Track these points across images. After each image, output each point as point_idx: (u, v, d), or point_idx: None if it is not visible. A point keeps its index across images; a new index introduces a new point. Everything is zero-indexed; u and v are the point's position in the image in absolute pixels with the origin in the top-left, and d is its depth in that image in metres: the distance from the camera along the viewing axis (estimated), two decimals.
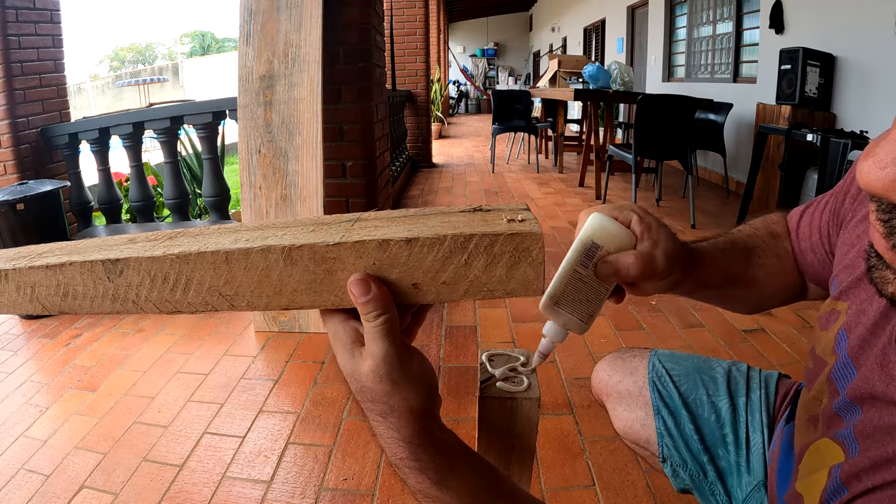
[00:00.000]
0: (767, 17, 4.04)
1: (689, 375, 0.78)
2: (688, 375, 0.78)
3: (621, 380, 0.83)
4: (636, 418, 0.80)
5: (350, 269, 0.37)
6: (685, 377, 0.78)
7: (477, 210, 0.42)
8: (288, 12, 1.92)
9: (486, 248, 0.36)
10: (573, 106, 7.59)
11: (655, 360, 0.81)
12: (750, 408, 0.73)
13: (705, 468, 0.74)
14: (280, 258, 0.37)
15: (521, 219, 0.38)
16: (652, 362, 0.81)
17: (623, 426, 0.82)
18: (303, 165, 1.89)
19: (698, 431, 0.74)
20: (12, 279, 0.41)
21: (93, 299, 0.41)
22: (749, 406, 0.74)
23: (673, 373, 0.78)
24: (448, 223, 0.39)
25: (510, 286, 0.37)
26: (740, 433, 0.73)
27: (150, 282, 0.39)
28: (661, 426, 0.76)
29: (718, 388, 0.76)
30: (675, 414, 0.76)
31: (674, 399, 0.76)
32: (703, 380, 0.77)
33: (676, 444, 0.75)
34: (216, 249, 0.38)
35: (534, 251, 0.36)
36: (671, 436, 0.75)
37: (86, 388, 1.74)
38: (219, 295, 0.39)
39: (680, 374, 0.78)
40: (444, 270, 0.37)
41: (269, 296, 0.39)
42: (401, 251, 0.37)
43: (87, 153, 2.84)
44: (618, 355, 0.86)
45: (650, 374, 0.79)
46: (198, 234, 0.43)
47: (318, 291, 0.38)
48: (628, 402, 0.81)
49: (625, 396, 0.81)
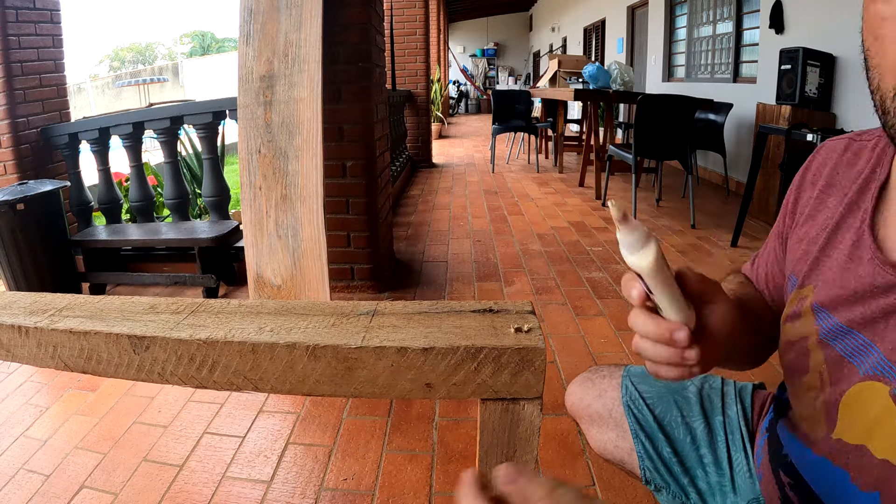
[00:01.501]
0: (767, 17, 4.04)
1: (662, 397, 0.78)
2: (661, 397, 0.78)
3: (591, 403, 0.82)
4: (608, 440, 0.80)
5: (370, 368, 0.41)
6: (658, 399, 0.77)
7: (487, 312, 0.46)
8: (288, 12, 1.92)
9: (495, 358, 0.41)
10: (573, 106, 7.59)
11: (628, 382, 0.80)
12: (729, 426, 0.73)
13: (686, 490, 0.74)
14: (304, 354, 0.41)
15: (528, 328, 0.42)
16: (625, 384, 0.80)
17: (598, 447, 0.83)
18: (303, 165, 1.89)
19: (676, 454, 0.74)
20: (33, 336, 0.43)
21: (117, 366, 0.42)
22: (727, 424, 0.73)
23: (646, 395, 0.78)
24: (460, 329, 0.43)
25: (513, 389, 0.42)
26: (720, 453, 0.72)
27: (175, 359, 0.42)
28: (641, 450, 0.76)
29: (692, 408, 0.76)
30: (652, 437, 0.76)
31: (649, 422, 0.76)
32: (677, 400, 0.77)
33: (657, 466, 0.75)
34: (243, 340, 0.41)
35: (536, 362, 0.40)
36: (651, 459, 0.75)
37: (86, 388, 1.74)
38: (244, 378, 0.42)
39: (653, 396, 0.78)
40: (455, 374, 0.41)
41: (293, 383, 0.42)
42: (417, 357, 0.41)
43: (87, 153, 2.84)
44: (587, 376, 0.86)
45: (624, 397, 0.79)
46: (219, 311, 0.45)
47: (339, 384, 0.42)
48: (599, 425, 0.81)
49: (595, 419, 0.81)
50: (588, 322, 2.11)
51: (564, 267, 2.75)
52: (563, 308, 2.24)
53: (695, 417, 0.75)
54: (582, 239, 3.23)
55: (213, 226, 2.56)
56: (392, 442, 1.44)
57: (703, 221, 3.59)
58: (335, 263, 2.34)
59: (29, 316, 0.43)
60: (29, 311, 0.44)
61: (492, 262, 2.87)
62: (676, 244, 3.11)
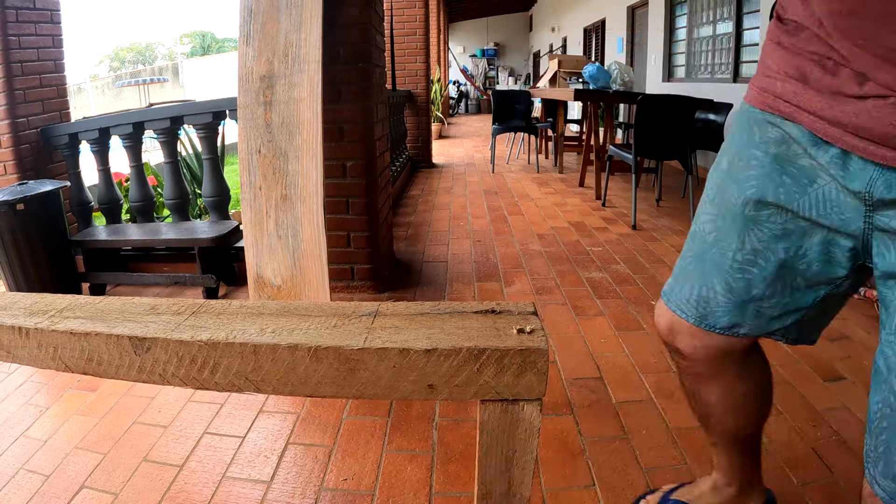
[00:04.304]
0: (767, 17, 4.03)
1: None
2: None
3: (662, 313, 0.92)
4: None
5: (372, 369, 0.41)
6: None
7: (489, 312, 0.46)
8: (288, 12, 1.92)
9: (497, 359, 0.41)
10: (573, 106, 7.59)
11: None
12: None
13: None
14: (306, 356, 0.41)
15: (530, 329, 0.42)
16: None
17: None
18: (303, 165, 1.89)
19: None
20: (34, 337, 0.43)
21: (118, 367, 0.42)
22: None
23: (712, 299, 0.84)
24: (463, 330, 0.43)
25: (515, 390, 0.42)
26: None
27: (177, 360, 0.41)
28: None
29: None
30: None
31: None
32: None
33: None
34: (244, 341, 0.40)
35: (539, 363, 0.41)
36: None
37: (86, 388, 1.74)
38: (245, 379, 0.42)
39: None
40: (457, 375, 0.41)
41: (295, 384, 0.42)
42: (420, 358, 0.41)
43: (87, 153, 2.84)
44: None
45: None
46: (220, 312, 0.45)
47: (342, 385, 0.42)
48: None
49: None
50: (588, 322, 2.11)
51: (564, 267, 2.75)
52: (563, 308, 2.24)
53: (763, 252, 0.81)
54: (582, 239, 3.23)
55: (213, 226, 2.56)
56: (392, 442, 1.44)
57: None
58: (335, 263, 2.34)
59: (29, 317, 0.43)
60: (29, 312, 0.44)
61: (492, 262, 2.87)
62: (677, 244, 3.11)
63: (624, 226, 3.50)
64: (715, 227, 0.82)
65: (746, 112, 0.78)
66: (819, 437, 1.43)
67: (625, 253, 2.97)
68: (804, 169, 0.69)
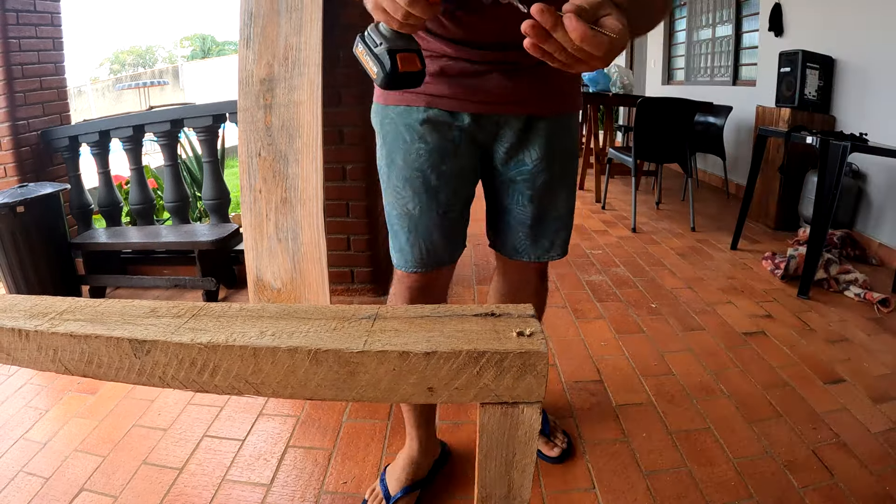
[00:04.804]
0: (767, 20, 4.05)
1: None
2: None
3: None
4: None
5: (372, 372, 0.41)
6: None
7: (489, 315, 0.46)
8: (288, 15, 1.92)
9: (497, 362, 0.41)
10: None
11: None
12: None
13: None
14: (306, 359, 0.41)
15: (530, 332, 0.43)
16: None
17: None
18: (303, 168, 1.89)
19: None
20: (34, 340, 0.43)
21: (118, 370, 0.42)
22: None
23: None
24: (463, 333, 0.43)
25: (515, 392, 0.42)
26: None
27: (177, 363, 0.42)
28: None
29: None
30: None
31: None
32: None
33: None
34: (244, 344, 0.41)
35: (539, 366, 0.41)
36: None
37: (85, 390, 1.74)
38: (245, 382, 0.42)
39: None
40: (457, 378, 0.41)
41: (294, 387, 0.42)
42: (419, 361, 0.41)
43: (88, 156, 2.84)
44: None
45: None
46: (220, 315, 0.45)
47: (341, 388, 0.42)
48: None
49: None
50: (588, 325, 2.11)
51: (564, 270, 2.75)
52: (562, 311, 2.24)
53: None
54: (581, 242, 3.23)
55: (213, 229, 2.56)
56: (392, 445, 1.44)
57: (703, 224, 3.59)
58: (335, 266, 2.34)
59: (29, 319, 0.43)
60: (29, 315, 0.44)
61: (491, 264, 2.87)
62: (676, 247, 3.11)
63: (624, 229, 3.51)
64: None
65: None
66: (819, 439, 1.43)
67: (624, 256, 2.97)
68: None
